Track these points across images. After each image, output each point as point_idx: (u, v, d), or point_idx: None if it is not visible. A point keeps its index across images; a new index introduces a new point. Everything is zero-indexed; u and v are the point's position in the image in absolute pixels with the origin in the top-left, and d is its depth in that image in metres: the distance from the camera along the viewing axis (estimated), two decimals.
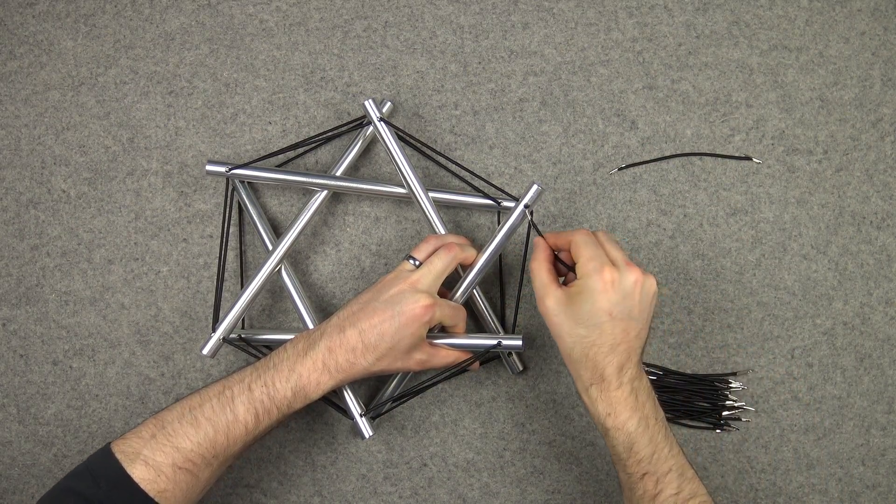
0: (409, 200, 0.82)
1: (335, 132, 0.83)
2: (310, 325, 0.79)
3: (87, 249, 0.84)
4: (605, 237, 0.71)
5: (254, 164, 0.81)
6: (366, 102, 0.79)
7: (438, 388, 0.84)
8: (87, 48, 0.86)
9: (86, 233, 0.84)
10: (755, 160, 0.85)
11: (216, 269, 0.84)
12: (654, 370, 0.84)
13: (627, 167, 0.85)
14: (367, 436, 0.77)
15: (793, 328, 0.84)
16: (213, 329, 0.78)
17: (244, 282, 0.84)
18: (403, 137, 0.82)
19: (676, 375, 0.84)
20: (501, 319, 0.83)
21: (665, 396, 0.83)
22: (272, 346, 0.81)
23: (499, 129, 0.85)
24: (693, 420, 0.84)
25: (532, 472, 0.83)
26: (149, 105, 0.85)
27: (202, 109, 0.85)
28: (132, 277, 0.84)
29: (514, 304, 0.84)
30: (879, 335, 0.84)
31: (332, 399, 0.79)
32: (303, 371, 0.69)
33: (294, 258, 0.85)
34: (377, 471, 0.83)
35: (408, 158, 0.79)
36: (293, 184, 0.81)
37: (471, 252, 0.77)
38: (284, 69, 0.85)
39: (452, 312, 0.74)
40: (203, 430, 0.66)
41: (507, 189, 0.84)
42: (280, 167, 0.84)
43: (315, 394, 0.70)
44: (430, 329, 0.74)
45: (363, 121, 0.83)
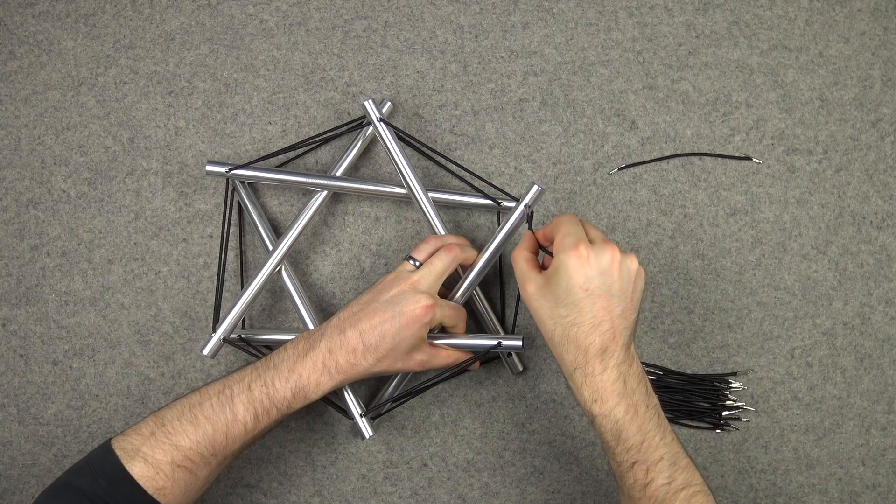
0: (409, 200, 0.82)
1: (335, 132, 0.83)
2: (310, 326, 0.79)
3: (87, 249, 0.84)
4: (589, 224, 0.70)
5: (254, 165, 0.81)
6: (366, 102, 0.79)
7: (438, 388, 0.84)
8: (87, 48, 0.86)
9: (86, 233, 0.84)
10: (755, 160, 0.85)
11: (216, 269, 0.84)
12: (654, 370, 0.84)
13: (627, 167, 0.85)
14: (367, 436, 0.77)
15: (793, 328, 0.84)
16: (214, 329, 0.78)
17: (244, 282, 0.84)
18: (403, 137, 0.82)
19: (676, 375, 0.84)
20: (501, 319, 0.83)
21: (665, 396, 0.83)
22: (272, 347, 0.81)
23: (499, 129, 0.85)
24: (693, 420, 0.84)
25: (532, 472, 0.83)
26: (149, 105, 0.85)
27: (202, 109, 0.85)
28: (132, 277, 0.84)
29: (514, 304, 0.84)
30: (879, 335, 0.84)
31: (332, 399, 0.79)
32: (303, 372, 0.69)
33: (294, 258, 0.85)
34: (377, 471, 0.83)
35: (408, 158, 0.79)
36: (293, 184, 0.81)
37: (471, 252, 0.77)
38: (284, 69, 0.85)
39: (453, 313, 0.74)
40: (202, 429, 0.66)
41: (507, 189, 0.84)
42: (280, 167, 0.84)
43: (315, 394, 0.70)
44: (431, 329, 0.74)
45: (363, 121, 0.83)
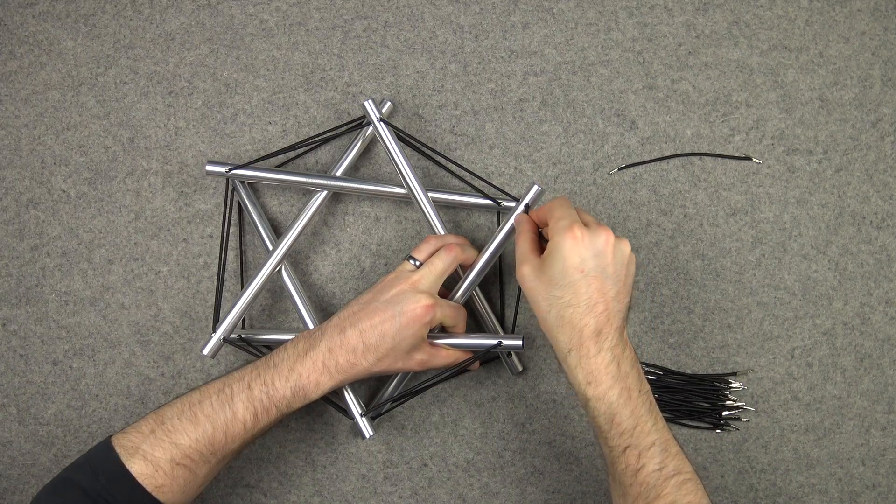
0: (409, 200, 0.82)
1: (335, 132, 0.83)
2: (310, 325, 0.79)
3: (87, 249, 0.84)
4: (581, 209, 0.70)
5: (254, 165, 0.81)
6: (365, 103, 0.79)
7: (438, 388, 0.84)
8: (87, 48, 0.86)
9: (86, 233, 0.84)
10: (755, 160, 0.85)
11: (216, 269, 0.84)
12: (654, 370, 0.84)
13: (627, 167, 0.85)
14: (368, 436, 0.77)
15: (793, 328, 0.84)
16: (214, 329, 0.78)
17: (244, 282, 0.84)
18: (403, 137, 0.82)
19: (676, 375, 0.84)
20: (501, 319, 0.83)
21: (665, 396, 0.83)
22: (272, 346, 0.81)
23: (499, 129, 0.85)
24: (693, 420, 0.84)
25: (532, 472, 0.83)
26: (149, 105, 0.85)
27: (202, 109, 0.85)
28: (132, 277, 0.84)
29: (514, 304, 0.84)
30: (879, 335, 0.84)
31: (332, 399, 0.79)
32: (302, 371, 0.69)
33: (294, 258, 0.85)
34: (377, 471, 0.83)
35: (407, 158, 0.79)
36: (293, 184, 0.81)
37: (471, 252, 0.77)
38: (284, 69, 0.86)
39: (453, 313, 0.75)
40: (202, 427, 0.67)
41: (507, 189, 0.84)
42: (280, 167, 0.84)
43: (314, 394, 0.70)
44: (431, 329, 0.74)
45: (363, 121, 0.83)
